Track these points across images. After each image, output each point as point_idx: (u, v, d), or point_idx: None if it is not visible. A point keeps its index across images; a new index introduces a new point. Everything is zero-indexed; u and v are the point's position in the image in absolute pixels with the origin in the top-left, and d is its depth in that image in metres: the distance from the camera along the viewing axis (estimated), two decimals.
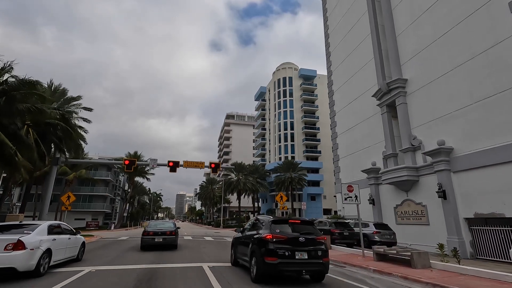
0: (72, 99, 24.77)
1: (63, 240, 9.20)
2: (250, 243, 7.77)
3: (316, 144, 61.28)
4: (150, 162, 22.50)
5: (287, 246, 6.87)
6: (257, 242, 7.33)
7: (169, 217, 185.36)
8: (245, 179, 53.71)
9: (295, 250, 6.87)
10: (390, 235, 16.24)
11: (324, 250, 7.16)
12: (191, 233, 32.74)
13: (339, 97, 30.63)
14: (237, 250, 9.40)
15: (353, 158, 27.17)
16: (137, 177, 54.20)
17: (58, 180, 47.33)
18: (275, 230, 7.19)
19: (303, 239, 7.04)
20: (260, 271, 6.93)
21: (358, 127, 26.71)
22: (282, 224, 7.50)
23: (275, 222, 7.57)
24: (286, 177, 50.87)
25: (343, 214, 27.67)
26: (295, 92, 64.04)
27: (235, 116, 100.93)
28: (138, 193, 69.79)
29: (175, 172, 22.79)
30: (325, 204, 58.38)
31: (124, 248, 14.74)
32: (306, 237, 7.11)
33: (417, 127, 19.34)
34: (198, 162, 23.44)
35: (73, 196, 19.43)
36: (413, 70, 20.21)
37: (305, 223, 7.93)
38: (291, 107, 63.04)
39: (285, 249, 6.82)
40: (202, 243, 18.42)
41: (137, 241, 19.04)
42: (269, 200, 62.99)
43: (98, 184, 49.58)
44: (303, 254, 6.88)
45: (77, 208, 47.37)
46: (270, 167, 61.62)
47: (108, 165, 51.87)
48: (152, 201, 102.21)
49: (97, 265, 9.23)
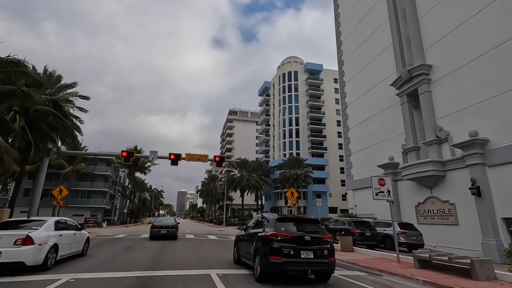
0: (66, 86, 23.09)
1: (69, 235, 9.40)
2: (254, 242, 7.53)
3: (322, 141, 59.49)
4: (150, 155, 20.86)
5: (292, 245, 6.67)
6: (261, 240, 7.08)
7: (170, 214, 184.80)
8: (248, 175, 52.01)
9: (301, 249, 6.66)
10: (416, 236, 14.53)
11: (330, 250, 6.94)
12: (193, 231, 31.14)
13: (351, 89, 28.81)
14: (240, 248, 9.20)
15: (367, 153, 25.41)
16: (137, 172, 52.74)
17: (56, 175, 45.95)
18: (280, 228, 6.98)
19: (309, 237, 6.83)
20: (264, 271, 6.70)
21: (373, 120, 24.93)
22: (287, 222, 7.30)
23: (280, 220, 7.36)
24: (291, 174, 49.15)
25: (355, 212, 25.96)
26: (301, 87, 62.17)
27: (238, 112, 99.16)
28: (139, 189, 68.33)
29: (177, 166, 21.16)
30: (330, 202, 56.66)
31: (119, 249, 13.12)
32: (312, 236, 6.90)
33: (443, 117, 17.56)
34: (202, 155, 21.77)
35: (65, 190, 17.84)
36: (438, 56, 18.40)
37: (311, 221, 7.76)
38: (296, 102, 61.21)
39: (290, 248, 6.61)
40: (206, 243, 16.78)
41: (135, 240, 17.54)
42: (273, 198, 61.36)
43: (97, 180, 48.05)
44: (309, 253, 6.69)
45: (75, 204, 45.93)
46: (274, 164, 59.91)
47: (107, 160, 50.34)
48: (153, 198, 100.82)
49: (80, 272, 7.63)
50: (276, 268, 6.47)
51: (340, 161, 59.85)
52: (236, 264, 9.35)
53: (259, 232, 7.52)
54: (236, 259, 9.45)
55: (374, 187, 10.13)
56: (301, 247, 6.67)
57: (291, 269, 6.52)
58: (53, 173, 45.73)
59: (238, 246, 9.40)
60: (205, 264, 9.32)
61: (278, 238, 6.67)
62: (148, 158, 19.28)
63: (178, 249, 13.17)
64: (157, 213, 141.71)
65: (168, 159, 21.01)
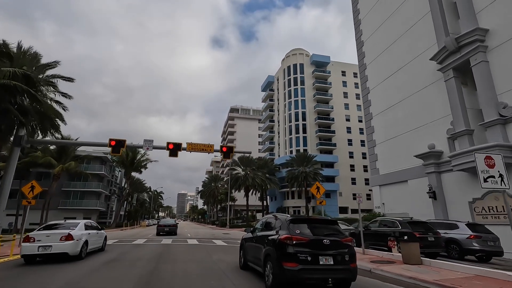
0: (45, 66, 19.62)
1: (94, 234, 12.00)
2: (264, 245, 6.77)
3: (331, 136, 56.03)
4: (145, 144, 17.39)
5: (309, 250, 5.81)
6: (273, 244, 6.30)
7: (170, 216, 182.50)
8: (253, 174, 48.52)
9: (319, 255, 5.80)
10: (493, 240, 11.03)
11: (352, 254, 6.09)
12: (196, 234, 27.62)
13: (374, 72, 25.39)
14: (247, 252, 8.32)
15: (396, 143, 21.95)
16: (134, 172, 49.20)
17: (46, 175, 42.39)
18: (295, 230, 6.12)
19: (328, 241, 5.95)
20: (277, 279, 5.84)
21: (403, 104, 21.50)
22: (301, 224, 6.39)
23: (293, 221, 6.47)
24: (299, 172, 45.65)
25: (383, 212, 22.48)
26: (307, 80, 58.76)
27: (240, 109, 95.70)
28: (137, 190, 64.73)
29: (176, 157, 17.66)
30: (341, 202, 53.18)
31: (100, 263, 9.71)
32: (331, 239, 6.02)
33: (506, 92, 14.13)
34: (206, 145, 18.29)
35: (38, 187, 14.33)
36: (495, 18, 14.97)
37: (328, 222, 6.83)
38: (303, 96, 57.77)
39: (307, 253, 5.76)
40: (214, 251, 13.30)
41: (125, 249, 14.09)
42: (279, 198, 57.84)
43: (91, 179, 44.48)
44: (328, 259, 5.82)
45: (66, 206, 42.36)
46: (279, 162, 56.47)
47: (101, 158, 46.80)
48: (152, 199, 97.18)
49: None
50: (291, 276, 5.67)
51: (350, 157, 56.47)
52: (242, 269, 8.51)
53: (270, 235, 6.71)
54: (243, 264, 8.61)
55: (481, 169, 6.64)
56: (319, 252, 5.86)
57: (308, 277, 5.71)
58: (43, 173, 42.26)
59: (245, 250, 8.51)
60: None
61: (293, 242, 5.89)
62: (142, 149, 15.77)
63: (179, 263, 9.70)
64: (156, 215, 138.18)
65: (166, 150, 17.55)
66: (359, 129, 58.72)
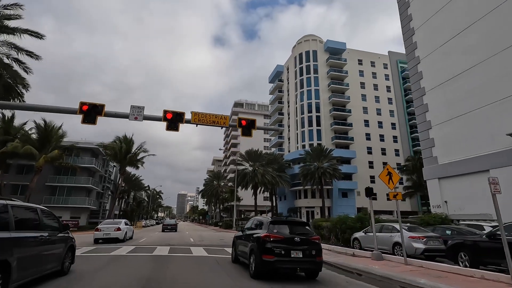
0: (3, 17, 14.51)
1: (129, 228, 20.27)
2: (250, 242, 8.06)
3: (347, 130, 50.82)
4: (132, 112, 12.21)
5: (283, 245, 7.21)
6: (256, 241, 7.63)
7: (170, 217, 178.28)
8: (263, 170, 43.31)
9: (291, 249, 7.20)
10: None
11: (318, 250, 7.48)
12: (200, 239, 22.39)
13: (426, 34, 20.14)
14: (237, 248, 9.65)
15: (466, 121, 16.71)
16: (129, 166, 43.94)
17: (28, 168, 37.20)
18: (273, 230, 7.54)
19: (299, 239, 7.39)
20: (258, 268, 7.25)
21: (475, 71, 16.26)
22: (279, 225, 7.84)
23: (273, 222, 7.87)
24: (315, 168, 40.43)
25: (446, 212, 17.20)
26: (321, 69, 53.62)
27: (244, 104, 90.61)
28: (133, 188, 59.54)
29: (177, 131, 12.48)
30: (359, 202, 47.88)
31: None
32: (301, 237, 7.44)
33: None
34: (218, 116, 13.08)
35: None
36: None
37: (301, 224, 8.38)
38: (316, 86, 52.62)
39: (281, 248, 7.16)
40: (242, 274, 8.09)
41: (98, 263, 8.94)
42: (289, 197, 52.56)
43: (79, 173, 39.31)
44: (298, 253, 7.22)
45: (51, 203, 37.10)
46: (290, 157, 51.26)
47: (93, 150, 41.53)
48: (150, 199, 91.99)
49: None
50: (268, 266, 7.08)
51: (368, 153, 51.24)
52: (234, 263, 9.86)
53: (254, 234, 8.00)
54: (234, 258, 10.00)
55: None
56: (291, 247, 7.21)
57: (282, 267, 7.14)
58: (24, 165, 37.14)
59: (236, 246, 9.82)
60: None
61: (271, 239, 7.23)
62: (128, 118, 10.44)
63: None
64: (156, 215, 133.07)
65: (161, 121, 12.39)
66: (378, 122, 53.62)
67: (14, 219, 5.20)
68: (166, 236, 25.27)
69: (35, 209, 6.35)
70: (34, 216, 6.19)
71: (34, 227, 6.04)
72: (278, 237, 7.27)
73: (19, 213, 5.56)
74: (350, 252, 12.92)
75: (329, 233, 15.90)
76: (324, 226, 16.36)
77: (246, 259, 8.29)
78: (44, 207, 7.05)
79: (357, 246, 13.55)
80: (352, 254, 12.61)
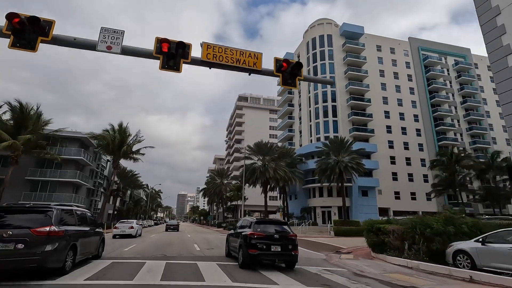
0: None
1: (139, 226, 24.33)
2: (239, 238, 9.65)
3: (367, 121, 45.78)
4: (103, 38, 7.23)
5: (265, 241, 8.82)
6: (243, 237, 9.20)
7: (169, 217, 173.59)
8: (275, 164, 38.27)
9: (271, 244, 8.84)
10: None
11: (294, 244, 9.10)
12: (206, 244, 17.37)
13: None
14: (230, 244, 11.34)
15: None
16: (124, 159, 38.86)
17: (4, 159, 32.32)
18: (257, 229, 9.17)
19: (278, 236, 9.10)
20: (244, 260, 8.92)
21: None
22: (262, 224, 9.53)
23: (257, 222, 9.56)
24: (335, 162, 35.40)
25: None
26: (337, 54, 48.64)
27: (249, 98, 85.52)
28: (129, 185, 54.48)
29: (178, 72, 7.47)
30: (380, 202, 42.85)
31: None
32: (280, 235, 9.17)
33: None
34: (245, 54, 8.04)
35: None
36: None
37: (281, 223, 10.25)
38: (332, 73, 47.62)
39: (263, 243, 8.77)
40: None
41: None
42: (301, 196, 47.52)
43: (64, 166, 34.35)
44: (277, 248, 8.85)
45: (31, 199, 32.09)
46: (303, 151, 46.24)
47: (80, 139, 36.54)
48: (149, 198, 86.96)
49: None
50: (253, 258, 8.76)
51: (390, 148, 46.21)
52: (227, 257, 11.32)
53: (243, 232, 9.61)
54: (227, 252, 11.63)
55: None
56: (271, 243, 8.86)
57: (263, 259, 8.90)
58: (1, 157, 32.14)
59: (229, 242, 11.56)
60: None
61: (254, 236, 8.87)
62: (97, 48, 4.50)
63: None
64: (155, 215, 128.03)
65: (153, 56, 7.36)
66: (399, 114, 48.65)
67: (77, 218, 8.48)
68: (162, 240, 20.33)
69: (85, 212, 9.76)
70: (85, 216, 9.35)
71: (85, 223, 9.09)
72: (261, 235, 8.94)
73: (79, 214, 8.79)
74: (457, 274, 7.93)
75: (400, 241, 10.83)
76: (390, 230, 11.30)
77: (235, 253, 10.00)
78: (87, 210, 10.46)
79: (464, 264, 8.48)
80: (469, 279, 7.59)
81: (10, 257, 6.08)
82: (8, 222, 6.65)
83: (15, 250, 6.12)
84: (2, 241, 6.14)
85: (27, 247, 6.20)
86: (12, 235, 6.23)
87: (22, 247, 6.18)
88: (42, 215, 6.92)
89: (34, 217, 6.87)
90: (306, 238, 24.99)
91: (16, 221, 6.72)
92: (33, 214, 7.05)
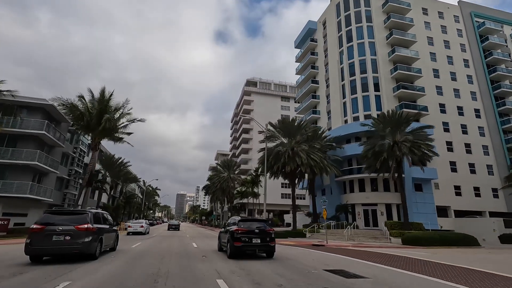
0: None
1: (148, 226, 30.70)
2: (227, 234, 11.65)
3: (417, 96, 36.31)
4: None
5: (247, 235, 10.94)
6: (230, 233, 11.28)
7: (168, 218, 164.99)
8: (308, 147, 28.74)
9: (252, 237, 10.96)
10: None
11: (272, 237, 11.25)
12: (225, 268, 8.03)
13: None
14: (221, 240, 13.47)
15: None
16: (108, 139, 29.08)
17: None
18: (241, 225, 11.26)
19: (258, 230, 11.18)
20: (231, 251, 10.93)
21: None
22: (246, 222, 11.67)
23: (241, 220, 11.76)
24: (388, 145, 25.93)
25: None
26: (376, 16, 39.18)
27: (258, 83, 75.94)
28: (118, 177, 44.70)
29: None
30: (438, 198, 33.34)
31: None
32: (260, 229, 11.24)
33: None
34: None
35: None
36: None
37: (261, 221, 12.26)
38: (371, 38, 38.15)
39: (246, 237, 10.90)
40: None
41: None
42: (334, 190, 37.80)
43: (21, 145, 24.75)
44: (257, 240, 11.00)
45: None
46: (334, 134, 36.63)
47: (44, 108, 26.78)
48: (144, 195, 77.23)
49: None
50: (238, 249, 10.84)
51: (445, 131, 36.75)
52: (219, 251, 13.36)
53: (230, 228, 11.62)
54: (219, 247, 13.80)
55: None
56: (252, 236, 10.97)
57: (246, 249, 11.04)
58: None
59: (220, 239, 13.73)
60: None
61: (239, 231, 10.95)
62: None
63: None
64: (152, 215, 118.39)
65: None
66: (454, 90, 39.12)
67: (102, 218, 11.38)
68: (153, 255, 10.91)
69: (107, 214, 12.80)
70: (106, 217, 12.31)
71: (106, 222, 11.84)
72: (244, 230, 11.02)
73: (103, 216, 11.87)
74: None
75: None
76: None
77: (224, 247, 12.27)
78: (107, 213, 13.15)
79: None
80: None
81: (62, 246, 8.96)
82: (59, 221, 9.34)
83: (65, 241, 9.00)
84: (57, 234, 8.97)
85: (72, 239, 9.06)
86: (62, 230, 9.06)
87: (69, 238, 9.05)
88: (82, 216, 9.82)
89: (76, 217, 9.67)
90: (368, 248, 15.60)
91: (64, 220, 9.45)
92: (75, 215, 9.86)
